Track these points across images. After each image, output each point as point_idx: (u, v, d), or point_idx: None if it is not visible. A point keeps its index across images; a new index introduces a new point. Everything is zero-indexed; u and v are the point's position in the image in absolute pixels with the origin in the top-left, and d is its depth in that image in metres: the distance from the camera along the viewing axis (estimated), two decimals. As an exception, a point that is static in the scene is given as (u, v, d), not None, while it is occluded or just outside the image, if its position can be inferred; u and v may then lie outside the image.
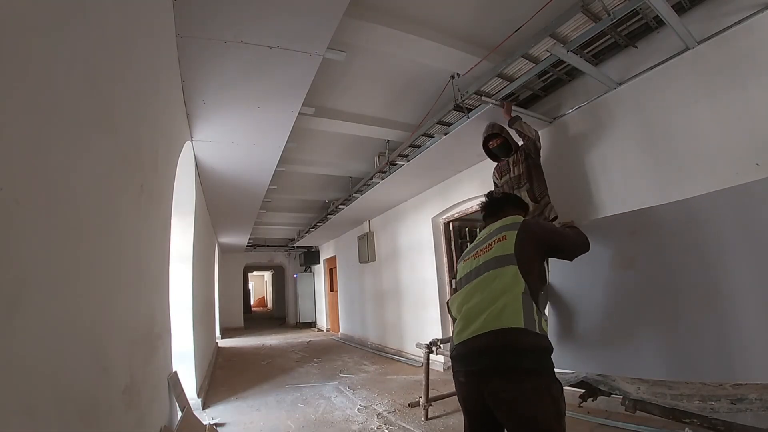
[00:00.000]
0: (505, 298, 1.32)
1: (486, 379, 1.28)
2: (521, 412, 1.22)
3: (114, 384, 1.38)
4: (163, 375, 2.25)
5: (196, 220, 3.92)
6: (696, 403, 1.53)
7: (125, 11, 1.44)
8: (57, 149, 0.97)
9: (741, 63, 2.12)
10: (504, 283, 1.35)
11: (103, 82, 1.26)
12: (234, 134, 3.44)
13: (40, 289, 0.88)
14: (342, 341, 8.24)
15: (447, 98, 3.26)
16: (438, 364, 4.58)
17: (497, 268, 1.40)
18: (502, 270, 1.39)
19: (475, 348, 1.31)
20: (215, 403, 3.75)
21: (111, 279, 1.38)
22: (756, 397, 1.42)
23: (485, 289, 1.39)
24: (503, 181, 3.09)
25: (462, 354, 1.37)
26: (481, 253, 1.52)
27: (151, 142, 1.96)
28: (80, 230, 1.12)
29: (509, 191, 3.02)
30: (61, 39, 0.97)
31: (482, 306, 1.35)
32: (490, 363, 1.27)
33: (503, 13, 2.58)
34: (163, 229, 2.34)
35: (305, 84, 2.69)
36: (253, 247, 10.77)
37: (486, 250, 1.50)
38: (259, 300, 21.70)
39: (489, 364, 1.27)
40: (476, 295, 1.41)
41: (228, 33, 2.17)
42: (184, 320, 3.46)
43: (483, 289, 1.40)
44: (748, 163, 2.05)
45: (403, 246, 5.86)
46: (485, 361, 1.28)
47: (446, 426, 2.87)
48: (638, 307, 1.81)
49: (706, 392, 1.53)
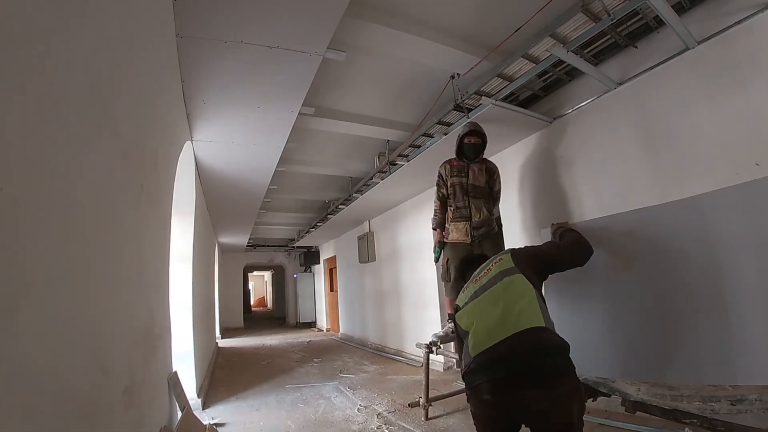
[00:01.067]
0: (522, 302, 1.28)
1: (515, 390, 1.15)
2: (556, 421, 1.14)
3: (114, 384, 1.38)
4: (163, 375, 2.25)
5: (196, 220, 3.92)
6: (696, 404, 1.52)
7: (125, 11, 1.44)
8: (57, 149, 0.97)
9: (741, 63, 2.12)
10: (517, 289, 1.33)
11: (103, 82, 1.26)
12: (234, 134, 3.44)
13: (40, 289, 0.88)
14: (342, 341, 8.24)
15: (447, 98, 3.26)
16: (438, 364, 4.58)
17: (505, 278, 1.39)
18: (511, 278, 1.38)
19: (500, 354, 1.20)
20: (215, 403, 3.75)
21: (111, 279, 1.38)
22: (756, 398, 1.42)
23: (498, 297, 1.36)
24: (455, 181, 3.00)
25: (484, 363, 1.23)
26: (481, 278, 1.51)
27: (151, 142, 1.96)
28: (80, 230, 1.12)
29: (461, 193, 2.99)
30: (62, 39, 0.97)
31: (499, 312, 1.29)
32: (519, 367, 1.16)
33: (503, 13, 2.58)
34: (163, 229, 2.34)
35: (305, 84, 2.69)
36: (253, 247, 10.77)
37: (486, 274, 1.49)
38: (259, 300, 21.69)
39: (518, 369, 1.16)
40: (489, 304, 1.36)
41: (228, 33, 2.17)
42: (184, 320, 3.46)
43: (495, 298, 1.37)
44: (748, 163, 2.05)
45: (403, 246, 5.86)
46: (514, 366, 1.17)
47: (446, 426, 2.87)
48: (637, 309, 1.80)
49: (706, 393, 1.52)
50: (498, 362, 1.20)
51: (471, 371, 1.27)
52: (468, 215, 2.95)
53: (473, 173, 2.99)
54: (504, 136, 3.51)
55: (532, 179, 3.50)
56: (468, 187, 2.98)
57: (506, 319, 1.25)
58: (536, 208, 3.47)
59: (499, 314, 1.28)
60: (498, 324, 1.26)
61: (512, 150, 3.70)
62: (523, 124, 3.27)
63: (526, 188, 3.55)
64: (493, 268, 1.50)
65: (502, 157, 3.65)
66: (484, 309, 1.36)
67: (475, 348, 1.27)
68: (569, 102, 3.13)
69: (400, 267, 5.93)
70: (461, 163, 3.04)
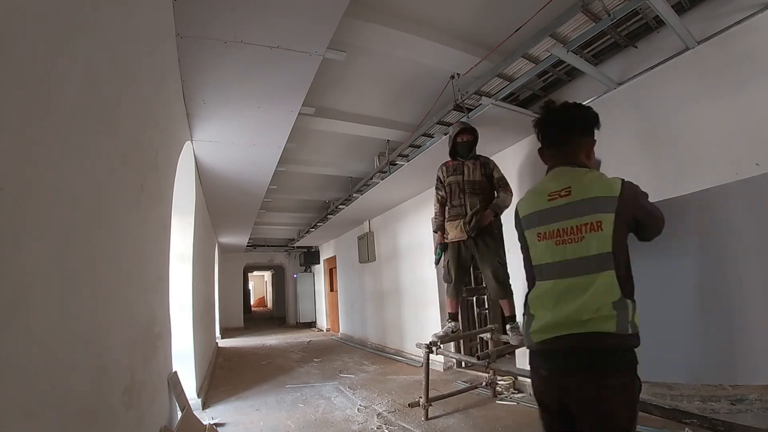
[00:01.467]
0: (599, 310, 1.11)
1: (567, 377, 1.15)
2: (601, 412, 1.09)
3: (114, 384, 1.38)
4: (163, 375, 2.25)
5: (196, 220, 3.92)
6: (696, 404, 1.53)
7: (125, 11, 1.44)
8: (57, 149, 0.97)
9: (741, 63, 2.12)
10: (598, 293, 1.12)
11: (103, 82, 1.26)
12: (234, 134, 3.44)
13: (40, 289, 0.88)
14: (342, 341, 8.24)
15: (447, 98, 3.26)
16: (438, 364, 4.58)
17: (589, 274, 1.14)
18: (596, 277, 1.13)
19: (561, 348, 1.16)
20: (215, 403, 3.75)
21: (111, 279, 1.38)
22: (756, 398, 1.43)
23: (574, 293, 1.15)
24: (451, 180, 3.11)
25: (544, 351, 1.21)
26: (566, 239, 1.19)
27: (151, 142, 1.96)
28: (80, 230, 1.12)
29: (458, 191, 3.06)
30: (61, 39, 0.97)
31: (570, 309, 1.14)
32: (576, 363, 1.14)
33: (503, 13, 2.58)
34: (163, 229, 2.34)
35: (305, 84, 2.69)
36: (253, 247, 10.77)
37: (573, 239, 1.17)
38: (259, 300, 21.70)
39: (574, 364, 1.14)
40: (562, 296, 1.18)
41: (228, 33, 2.17)
42: (184, 320, 3.46)
43: (571, 292, 1.16)
44: (748, 162, 2.05)
45: (403, 246, 5.86)
46: (572, 362, 1.14)
47: (446, 426, 2.87)
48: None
49: (706, 393, 1.53)
50: (558, 357, 1.18)
51: (533, 352, 1.26)
52: (463, 213, 3.01)
53: (468, 170, 3.08)
54: (504, 136, 3.51)
55: (532, 179, 3.50)
56: (464, 184, 3.05)
57: (577, 314, 1.12)
58: (536, 208, 3.47)
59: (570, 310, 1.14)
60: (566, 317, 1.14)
61: (512, 150, 3.70)
62: (523, 124, 3.26)
63: (526, 189, 3.53)
64: (586, 237, 1.16)
65: (503, 157, 3.65)
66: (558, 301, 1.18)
67: (540, 333, 1.20)
68: (569, 102, 3.13)
69: (400, 267, 5.93)
70: (456, 161, 3.15)
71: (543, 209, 1.27)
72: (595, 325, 1.09)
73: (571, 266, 1.18)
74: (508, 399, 3.37)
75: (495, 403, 3.30)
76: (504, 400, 3.34)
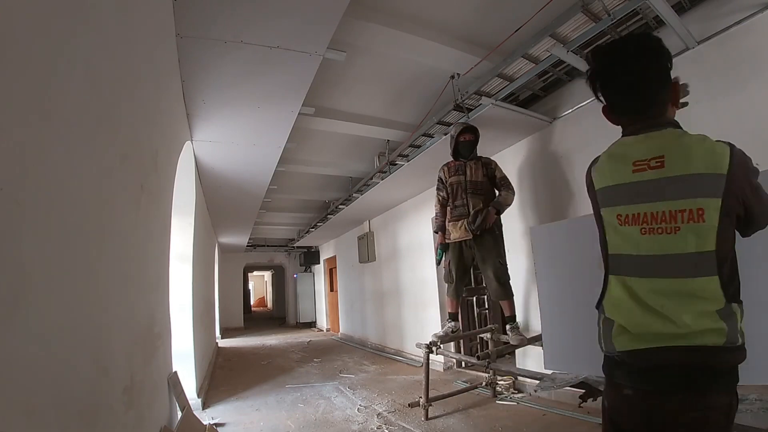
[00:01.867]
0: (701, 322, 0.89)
1: (663, 398, 0.91)
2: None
3: (114, 384, 1.38)
4: (163, 375, 2.25)
5: (196, 220, 3.92)
6: (696, 404, 1.52)
7: (125, 11, 1.44)
8: (57, 149, 0.97)
9: (741, 63, 2.12)
10: (696, 302, 0.89)
11: (103, 82, 1.26)
12: (234, 134, 3.44)
13: (40, 289, 0.88)
14: (342, 341, 8.24)
15: (447, 98, 3.26)
16: (438, 364, 4.58)
17: (684, 278, 0.90)
18: (692, 282, 0.89)
19: (657, 365, 0.92)
20: (215, 403, 3.75)
21: (111, 279, 1.38)
22: (756, 398, 1.42)
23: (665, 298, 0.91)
24: (454, 180, 3.14)
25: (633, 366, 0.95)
26: (655, 228, 0.93)
27: (151, 142, 1.96)
28: (80, 230, 1.12)
29: (460, 191, 3.09)
30: (61, 39, 0.97)
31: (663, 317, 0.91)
32: (676, 383, 0.90)
33: (503, 13, 2.58)
34: (163, 229, 2.34)
35: (305, 84, 2.69)
36: (253, 247, 10.77)
37: (665, 229, 0.91)
38: (259, 300, 21.70)
39: (674, 384, 0.90)
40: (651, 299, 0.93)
41: (228, 33, 2.17)
42: (184, 320, 3.46)
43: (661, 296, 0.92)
44: (748, 163, 2.05)
45: (403, 246, 5.86)
46: (671, 381, 0.90)
47: (446, 426, 2.87)
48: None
49: (706, 392, 1.52)
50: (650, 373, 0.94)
51: (615, 363, 1.00)
52: (466, 213, 3.02)
53: (470, 170, 3.11)
54: (504, 136, 3.51)
55: (533, 179, 3.50)
56: (467, 184, 3.07)
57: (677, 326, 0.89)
58: (537, 209, 3.47)
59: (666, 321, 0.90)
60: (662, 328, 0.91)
61: (512, 150, 3.70)
62: (523, 124, 3.27)
63: (527, 188, 3.55)
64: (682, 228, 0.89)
65: (503, 157, 3.64)
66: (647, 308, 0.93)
67: (626, 341, 0.97)
68: (569, 102, 3.13)
69: (400, 267, 5.93)
70: (458, 162, 3.17)
71: (625, 183, 0.97)
72: (700, 338, 0.88)
73: (659, 264, 0.92)
74: (508, 399, 3.37)
75: (495, 403, 3.30)
76: (504, 400, 3.34)
